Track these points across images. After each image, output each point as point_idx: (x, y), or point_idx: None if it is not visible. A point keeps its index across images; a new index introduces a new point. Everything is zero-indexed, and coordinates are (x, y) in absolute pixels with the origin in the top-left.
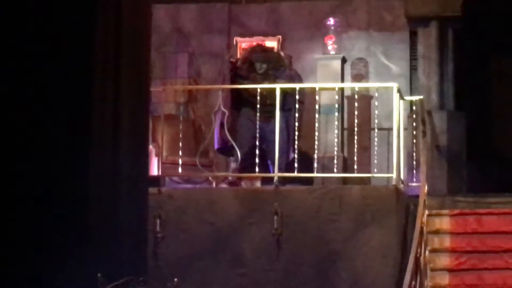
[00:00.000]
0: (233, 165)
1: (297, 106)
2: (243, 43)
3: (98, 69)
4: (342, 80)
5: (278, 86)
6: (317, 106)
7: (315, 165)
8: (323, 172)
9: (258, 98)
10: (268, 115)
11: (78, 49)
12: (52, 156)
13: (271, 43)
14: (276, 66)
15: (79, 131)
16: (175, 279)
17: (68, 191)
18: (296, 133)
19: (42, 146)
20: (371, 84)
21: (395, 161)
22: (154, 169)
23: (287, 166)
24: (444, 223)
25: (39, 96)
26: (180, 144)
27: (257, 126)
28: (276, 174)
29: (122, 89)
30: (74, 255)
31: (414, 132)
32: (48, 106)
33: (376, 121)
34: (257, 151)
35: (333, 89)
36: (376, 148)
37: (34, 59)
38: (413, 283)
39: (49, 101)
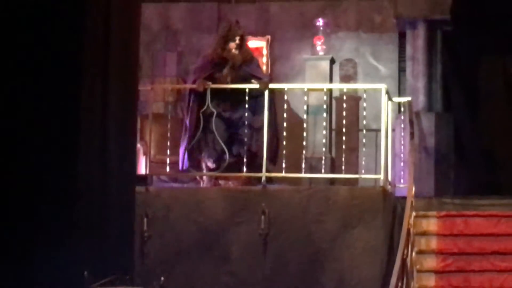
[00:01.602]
0: (209, 164)
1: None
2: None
3: (87, 67)
4: (331, 81)
5: (268, 87)
6: (305, 107)
7: (303, 165)
8: (310, 172)
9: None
10: (235, 105)
11: (66, 47)
12: (40, 154)
13: (260, 42)
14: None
15: (67, 129)
16: (162, 278)
17: (55, 188)
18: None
19: (30, 146)
20: (359, 85)
21: (382, 162)
22: (142, 168)
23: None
24: (431, 224)
25: (26, 97)
26: (168, 143)
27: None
28: (264, 174)
29: (111, 88)
30: (60, 253)
31: (402, 134)
32: (36, 105)
33: (364, 122)
34: (244, 149)
35: (322, 89)
36: (364, 149)
37: (21, 58)
38: (399, 284)
39: (36, 100)
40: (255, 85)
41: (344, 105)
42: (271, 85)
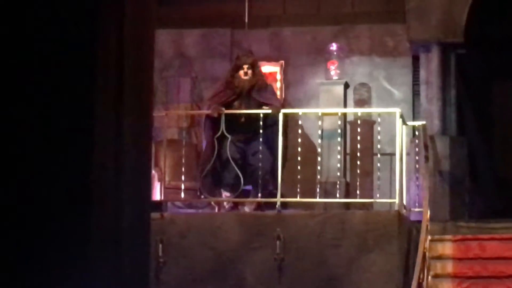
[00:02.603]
0: (226, 193)
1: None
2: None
3: (100, 93)
4: (345, 105)
5: (281, 112)
6: (319, 131)
7: (318, 190)
8: (325, 197)
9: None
10: (249, 135)
11: (79, 75)
12: (52, 186)
13: (274, 67)
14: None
15: (80, 157)
16: None
17: (68, 219)
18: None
19: (40, 180)
20: (373, 109)
21: (397, 186)
22: (157, 194)
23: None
24: (447, 248)
25: (37, 128)
26: (183, 169)
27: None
28: (278, 199)
29: (125, 115)
30: (73, 281)
31: (417, 157)
32: (48, 133)
33: (378, 146)
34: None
35: (336, 114)
36: (378, 173)
37: (33, 89)
38: None
39: (48, 128)
40: (267, 111)
41: (359, 130)
42: (285, 110)
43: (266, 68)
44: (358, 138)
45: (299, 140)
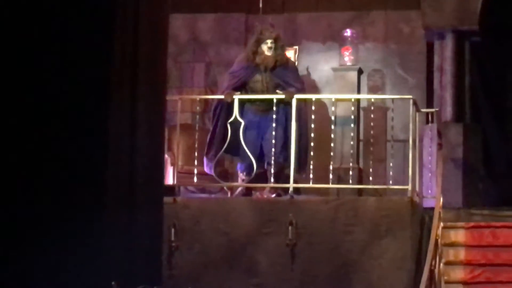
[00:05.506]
0: (242, 176)
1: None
2: None
3: (115, 78)
4: (359, 92)
5: (295, 97)
6: (333, 117)
7: (331, 176)
8: (338, 183)
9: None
10: (267, 107)
11: (94, 59)
12: (68, 168)
13: (288, 53)
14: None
15: (95, 142)
16: None
17: (84, 201)
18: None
19: (57, 160)
20: (387, 96)
21: (410, 173)
22: (170, 179)
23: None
24: (459, 235)
25: (54, 109)
26: (196, 153)
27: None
28: (291, 185)
29: (139, 99)
30: (88, 263)
31: (430, 144)
32: (65, 117)
33: (392, 132)
34: (272, 159)
35: (349, 100)
36: (391, 159)
37: (49, 70)
38: None
39: (65, 113)
40: (280, 96)
41: (372, 116)
42: (298, 96)
43: None
44: (372, 124)
45: (312, 126)
